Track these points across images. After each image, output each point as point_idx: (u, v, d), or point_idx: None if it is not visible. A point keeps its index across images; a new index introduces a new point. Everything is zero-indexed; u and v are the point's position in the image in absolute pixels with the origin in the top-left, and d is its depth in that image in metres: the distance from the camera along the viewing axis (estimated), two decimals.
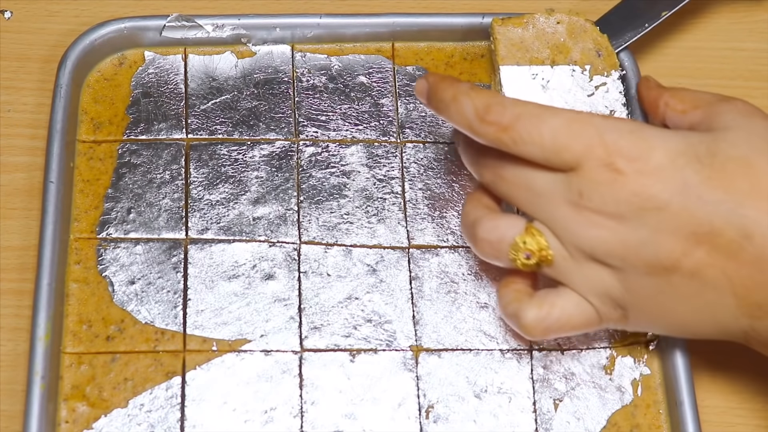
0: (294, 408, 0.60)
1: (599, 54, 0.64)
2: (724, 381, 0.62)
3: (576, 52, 0.64)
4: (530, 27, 0.64)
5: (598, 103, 0.63)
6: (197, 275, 0.62)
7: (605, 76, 0.63)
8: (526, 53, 0.64)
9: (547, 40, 0.64)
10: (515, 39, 0.64)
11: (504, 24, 0.64)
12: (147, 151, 0.66)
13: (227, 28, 0.68)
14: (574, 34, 0.64)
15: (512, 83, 0.63)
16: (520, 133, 0.53)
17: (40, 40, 0.69)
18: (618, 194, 0.52)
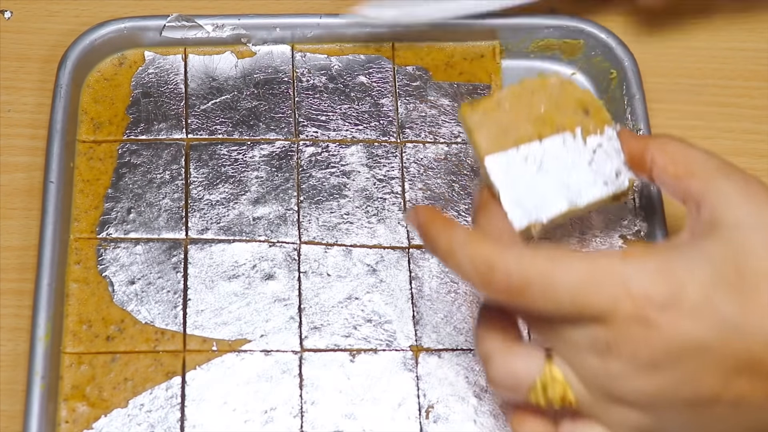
0: (294, 408, 0.60)
1: (587, 112, 0.56)
2: None
3: (561, 118, 0.56)
4: (504, 104, 0.56)
5: (601, 170, 0.56)
6: (197, 275, 0.62)
7: (599, 135, 0.56)
8: (508, 135, 0.55)
9: (526, 115, 0.56)
10: (492, 124, 0.56)
11: (474, 109, 0.56)
12: (147, 151, 0.66)
13: (227, 28, 0.68)
14: (552, 99, 0.56)
15: (502, 174, 0.55)
16: (532, 298, 0.48)
17: (40, 40, 0.69)
18: (652, 345, 0.47)
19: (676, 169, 0.53)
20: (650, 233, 0.64)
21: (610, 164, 0.56)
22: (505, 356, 0.50)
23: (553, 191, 0.54)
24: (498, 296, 0.49)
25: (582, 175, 0.55)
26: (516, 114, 0.56)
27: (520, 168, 0.55)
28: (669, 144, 0.54)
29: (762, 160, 0.69)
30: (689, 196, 0.52)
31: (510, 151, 0.55)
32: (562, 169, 0.55)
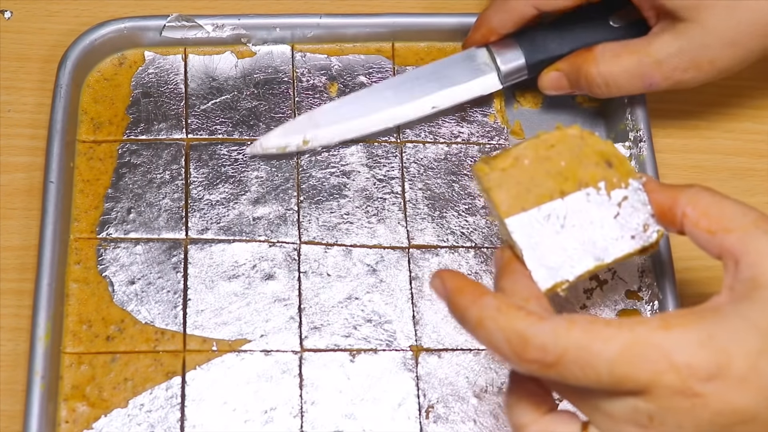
0: (294, 408, 0.60)
1: (609, 164, 0.53)
2: None
3: (583, 172, 0.53)
4: (522, 161, 0.53)
5: (627, 224, 0.53)
6: (197, 275, 0.62)
7: (624, 188, 0.53)
8: (529, 194, 0.53)
9: (546, 171, 0.53)
10: (511, 182, 0.53)
11: (491, 167, 0.53)
12: (147, 151, 0.66)
13: (227, 28, 0.68)
14: (573, 152, 0.53)
15: (525, 235, 0.52)
16: (569, 371, 0.46)
17: (40, 40, 0.69)
18: (698, 417, 0.46)
19: (710, 224, 0.50)
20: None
21: (637, 217, 0.53)
22: (540, 429, 0.49)
23: (578, 249, 0.52)
24: (531, 369, 0.47)
25: (608, 230, 0.53)
26: (535, 170, 0.53)
27: (543, 227, 0.52)
28: (701, 196, 0.51)
29: (762, 160, 0.69)
30: (726, 252, 0.49)
31: (532, 211, 0.52)
32: (586, 226, 0.53)
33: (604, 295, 0.63)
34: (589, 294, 0.63)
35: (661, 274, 0.63)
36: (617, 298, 0.63)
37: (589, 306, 0.63)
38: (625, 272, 0.64)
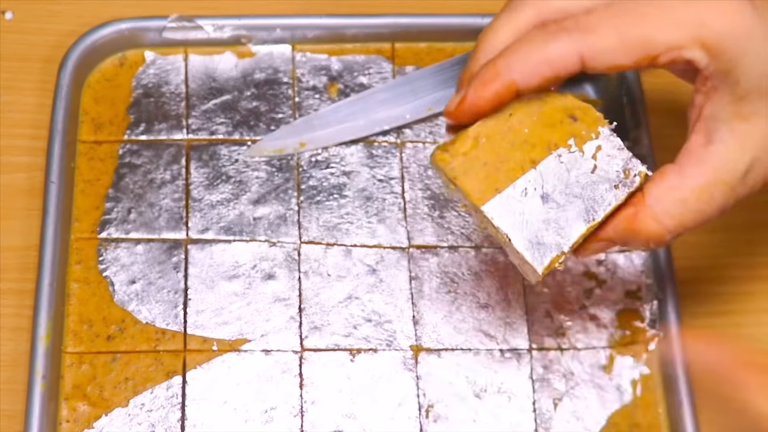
0: (294, 407, 0.60)
1: (574, 118, 0.51)
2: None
3: (549, 133, 0.50)
4: (481, 140, 0.49)
5: (608, 174, 0.51)
6: (198, 275, 0.63)
7: (595, 139, 0.51)
8: (499, 172, 0.49)
9: (510, 143, 0.50)
10: (476, 165, 0.49)
11: (453, 155, 0.49)
12: (148, 152, 0.66)
13: (228, 28, 0.68)
14: (533, 116, 0.50)
15: (507, 218, 0.49)
16: None
17: (41, 41, 0.69)
18: None
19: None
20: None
21: (616, 165, 0.51)
22: None
23: (566, 215, 0.51)
24: None
25: (590, 186, 0.51)
26: (499, 145, 0.50)
27: (524, 204, 0.50)
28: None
29: None
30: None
31: (507, 190, 0.49)
32: (567, 188, 0.51)
33: (603, 295, 0.63)
34: (589, 294, 0.63)
35: (661, 273, 0.63)
36: (617, 297, 0.63)
37: (589, 306, 0.63)
38: (625, 272, 0.64)
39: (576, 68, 0.50)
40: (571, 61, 0.50)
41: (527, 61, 0.50)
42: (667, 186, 0.51)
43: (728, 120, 0.51)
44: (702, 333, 0.54)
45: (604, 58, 0.50)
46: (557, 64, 0.50)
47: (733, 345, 0.49)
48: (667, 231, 0.51)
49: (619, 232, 0.52)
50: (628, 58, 0.50)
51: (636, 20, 0.50)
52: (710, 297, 0.64)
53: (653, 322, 0.63)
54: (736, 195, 0.52)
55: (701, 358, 0.50)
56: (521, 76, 0.50)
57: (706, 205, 0.51)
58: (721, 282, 0.65)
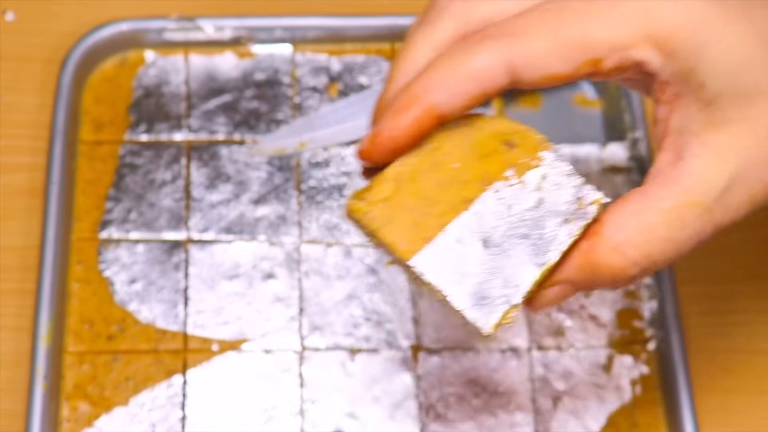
0: (294, 407, 0.60)
1: (511, 144, 0.43)
2: (722, 380, 0.62)
3: (483, 166, 0.42)
4: (402, 182, 0.41)
5: (557, 206, 0.43)
6: (198, 275, 0.63)
7: (538, 167, 0.43)
8: (427, 218, 0.41)
9: (437, 182, 0.41)
10: (398, 212, 0.41)
11: (371, 203, 0.41)
12: (148, 152, 0.66)
13: (228, 29, 0.68)
14: (463, 147, 0.42)
15: (441, 272, 0.41)
16: None
17: (42, 41, 0.69)
18: None
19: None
20: None
21: (565, 194, 0.43)
22: None
23: (513, 261, 0.42)
24: None
25: (537, 223, 0.42)
26: (424, 186, 0.41)
27: (460, 253, 0.41)
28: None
29: None
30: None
31: (437, 239, 0.41)
32: (511, 229, 0.42)
33: (602, 295, 0.63)
34: (588, 293, 0.63)
35: (661, 273, 0.63)
36: (616, 297, 0.63)
37: (588, 305, 0.63)
38: None
39: (505, 82, 0.42)
40: (498, 74, 0.42)
41: (448, 79, 0.42)
42: (629, 211, 0.42)
43: (699, 131, 0.42)
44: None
45: (536, 67, 0.42)
46: (483, 79, 0.42)
47: None
48: (631, 264, 0.42)
49: (575, 271, 0.43)
50: (566, 64, 0.42)
51: (572, 18, 0.42)
52: (710, 297, 0.64)
53: (653, 321, 0.63)
54: (715, 220, 0.43)
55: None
56: (442, 97, 0.42)
57: (678, 231, 0.42)
58: (721, 282, 0.65)
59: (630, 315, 0.63)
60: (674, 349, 0.61)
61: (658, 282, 0.63)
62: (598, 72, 0.42)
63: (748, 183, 0.42)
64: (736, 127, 0.42)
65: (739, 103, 0.42)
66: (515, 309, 0.42)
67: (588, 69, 0.42)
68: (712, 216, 0.42)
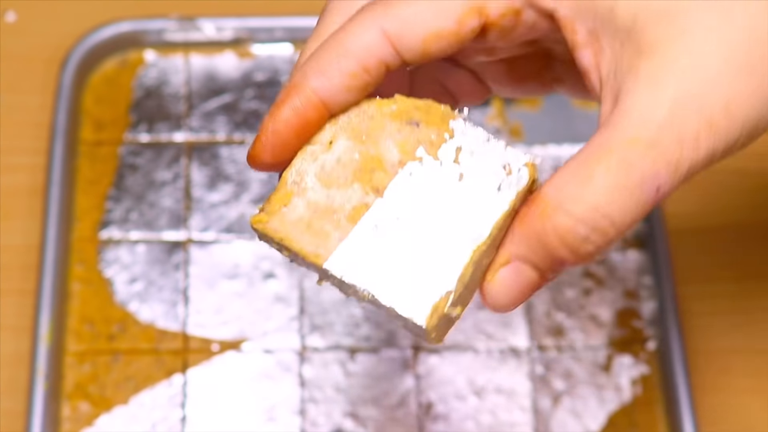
0: (294, 407, 0.60)
1: (416, 123, 0.38)
2: (722, 380, 0.62)
3: (389, 150, 0.38)
4: (305, 181, 0.38)
5: (483, 177, 0.38)
6: (198, 275, 0.63)
7: (451, 138, 0.38)
8: (335, 214, 0.37)
9: (342, 177, 0.38)
10: (303, 214, 0.38)
11: (270, 213, 0.38)
12: (149, 152, 0.66)
13: (228, 29, 0.68)
14: (361, 136, 0.38)
15: (360, 269, 0.37)
16: None
17: (43, 41, 0.69)
18: None
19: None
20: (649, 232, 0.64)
21: (488, 162, 0.38)
22: None
23: (442, 243, 0.37)
24: None
25: (464, 199, 0.38)
26: (326, 182, 0.38)
27: (380, 246, 0.37)
28: None
29: (763, 160, 0.69)
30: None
31: (351, 235, 0.37)
32: (435, 210, 0.38)
33: (602, 295, 0.63)
34: (588, 293, 0.63)
35: (661, 273, 0.63)
36: (616, 297, 0.63)
37: (587, 305, 0.63)
38: (624, 271, 0.64)
39: (386, 53, 0.38)
40: (376, 45, 0.37)
41: (324, 60, 0.38)
42: (568, 169, 0.37)
43: (630, 65, 0.37)
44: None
45: (413, 28, 0.37)
46: (361, 54, 0.37)
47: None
48: (578, 221, 0.36)
49: (521, 243, 0.37)
50: (447, 18, 0.37)
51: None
52: (710, 297, 0.64)
53: (652, 321, 0.63)
54: (670, 157, 0.36)
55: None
56: (321, 81, 0.38)
57: (624, 176, 0.36)
58: (721, 281, 0.65)
59: (630, 315, 0.63)
60: (674, 349, 0.61)
61: (658, 282, 0.63)
62: (489, 25, 0.38)
63: (699, 107, 0.36)
64: (667, 47, 0.36)
65: (661, 22, 0.36)
66: (452, 296, 0.37)
67: (473, 20, 0.38)
68: (663, 151, 0.36)
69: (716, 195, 0.67)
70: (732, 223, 0.65)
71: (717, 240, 0.66)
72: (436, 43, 0.38)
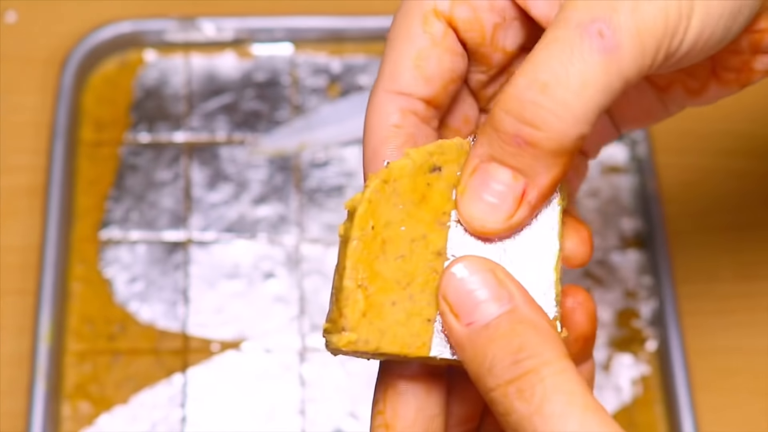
0: (294, 407, 0.60)
1: (438, 169, 0.37)
2: (722, 380, 0.62)
3: (428, 210, 0.36)
4: (367, 285, 0.35)
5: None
6: (198, 275, 0.63)
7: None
8: (413, 298, 0.36)
9: (399, 256, 0.36)
10: (385, 314, 0.35)
11: (352, 326, 0.35)
12: (149, 152, 0.66)
13: (228, 29, 0.68)
14: (396, 206, 0.36)
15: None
16: None
17: (43, 42, 0.69)
18: None
19: None
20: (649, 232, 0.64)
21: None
22: None
23: (520, 274, 0.36)
24: None
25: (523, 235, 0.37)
26: (388, 271, 0.35)
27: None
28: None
29: (762, 161, 0.69)
30: None
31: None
32: (495, 246, 0.37)
33: (602, 295, 0.63)
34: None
35: (660, 273, 0.63)
36: (615, 297, 0.63)
37: None
38: (624, 271, 0.64)
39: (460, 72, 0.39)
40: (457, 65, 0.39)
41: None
42: (527, 61, 0.35)
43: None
44: None
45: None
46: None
47: None
48: (519, 87, 0.35)
49: (480, 145, 0.36)
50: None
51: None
52: (710, 297, 0.64)
53: (652, 321, 0.63)
54: (617, 21, 0.35)
55: None
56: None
57: (563, 29, 0.35)
58: (721, 282, 0.65)
59: (629, 315, 0.63)
60: (674, 349, 0.61)
61: (658, 282, 0.63)
62: (463, 39, 0.39)
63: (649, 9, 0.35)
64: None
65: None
66: (558, 323, 0.37)
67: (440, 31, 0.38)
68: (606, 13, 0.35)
69: (716, 195, 0.67)
70: (732, 223, 0.65)
71: (717, 240, 0.66)
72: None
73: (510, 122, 0.35)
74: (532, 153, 0.35)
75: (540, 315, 0.35)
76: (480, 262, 0.35)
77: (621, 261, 0.64)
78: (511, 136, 0.35)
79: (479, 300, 0.34)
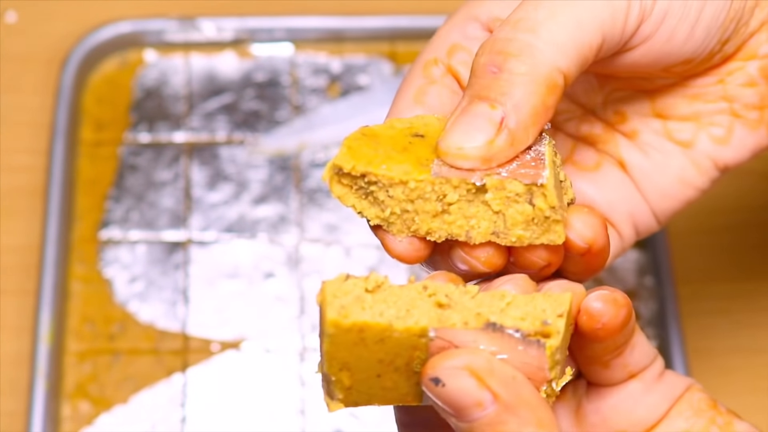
0: (294, 407, 0.60)
1: (420, 135, 0.38)
2: (722, 380, 0.62)
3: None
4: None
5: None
6: (198, 274, 0.63)
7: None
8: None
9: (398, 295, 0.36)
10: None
11: (340, 389, 0.36)
12: (149, 152, 0.66)
13: (228, 29, 0.68)
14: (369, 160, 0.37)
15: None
16: None
17: (44, 42, 0.69)
18: None
19: None
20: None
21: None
22: None
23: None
24: None
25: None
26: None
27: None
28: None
29: (762, 160, 0.69)
30: None
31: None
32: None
33: None
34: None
35: (661, 273, 0.63)
36: None
37: None
38: (625, 271, 0.64)
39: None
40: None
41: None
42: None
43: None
44: None
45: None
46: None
47: None
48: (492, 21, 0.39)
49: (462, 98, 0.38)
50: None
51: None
52: (710, 297, 0.64)
53: (653, 321, 0.63)
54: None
55: None
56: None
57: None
58: (721, 282, 0.65)
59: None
60: (674, 349, 0.61)
61: (658, 282, 0.63)
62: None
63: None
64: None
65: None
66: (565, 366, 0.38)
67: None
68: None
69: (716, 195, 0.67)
70: (732, 223, 0.65)
71: (717, 240, 0.66)
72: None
73: (484, 58, 0.37)
74: (507, 79, 0.36)
75: (528, 392, 0.35)
76: (458, 359, 0.34)
77: (621, 261, 0.64)
78: (485, 67, 0.36)
79: (465, 405, 0.35)
